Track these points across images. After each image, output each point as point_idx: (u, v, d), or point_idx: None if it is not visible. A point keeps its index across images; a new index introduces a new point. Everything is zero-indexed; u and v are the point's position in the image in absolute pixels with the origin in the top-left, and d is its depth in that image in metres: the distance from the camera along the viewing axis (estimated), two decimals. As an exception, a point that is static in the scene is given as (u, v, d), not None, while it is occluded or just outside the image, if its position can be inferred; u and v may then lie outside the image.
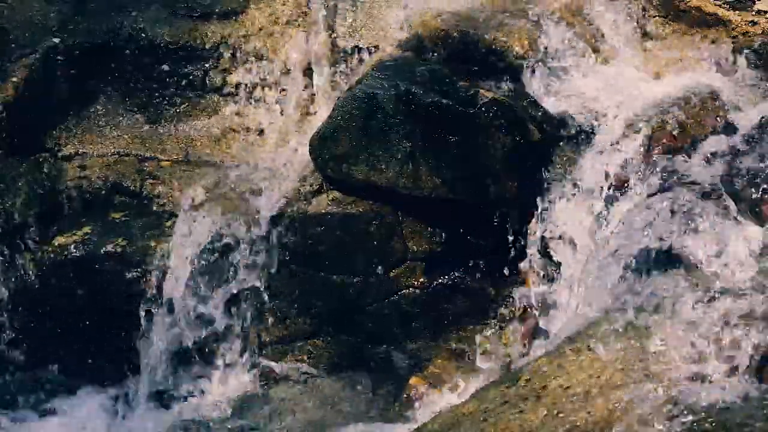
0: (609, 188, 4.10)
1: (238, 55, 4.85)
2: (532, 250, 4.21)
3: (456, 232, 4.32)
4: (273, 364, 4.45)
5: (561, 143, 4.26)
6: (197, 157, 4.72)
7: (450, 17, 4.55)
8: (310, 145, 4.38)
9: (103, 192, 4.64)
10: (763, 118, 4.04)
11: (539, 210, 4.18)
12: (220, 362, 4.45)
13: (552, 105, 4.34)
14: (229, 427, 4.25)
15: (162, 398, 4.41)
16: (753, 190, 3.72)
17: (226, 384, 4.43)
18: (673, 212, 3.64)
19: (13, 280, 4.42)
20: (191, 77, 4.86)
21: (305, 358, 4.46)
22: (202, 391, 4.42)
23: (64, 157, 4.68)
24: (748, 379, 3.01)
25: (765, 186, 3.72)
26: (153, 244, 4.42)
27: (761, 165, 3.80)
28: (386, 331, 4.41)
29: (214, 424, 4.28)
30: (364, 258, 4.35)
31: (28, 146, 4.66)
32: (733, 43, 4.35)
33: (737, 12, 4.38)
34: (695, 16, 4.44)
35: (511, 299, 4.28)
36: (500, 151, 4.18)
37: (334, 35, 4.77)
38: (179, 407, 4.38)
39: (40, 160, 4.66)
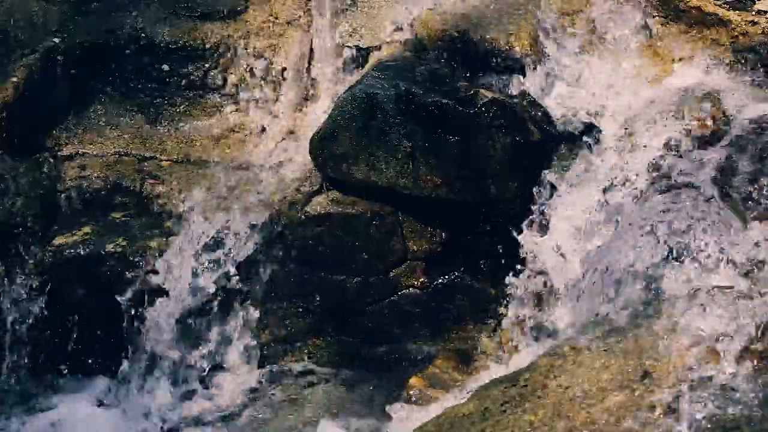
0: (609, 188, 4.10)
1: (238, 55, 4.85)
2: (532, 250, 4.21)
3: (456, 232, 4.32)
4: (273, 363, 4.45)
5: (561, 143, 4.26)
6: (197, 157, 4.72)
7: (450, 17, 4.55)
8: (310, 145, 4.38)
9: (103, 192, 4.64)
10: (763, 117, 4.04)
11: (539, 210, 4.18)
12: (219, 362, 4.45)
13: (552, 105, 4.34)
14: (229, 426, 4.25)
15: (161, 398, 4.41)
16: (753, 189, 3.72)
17: (226, 384, 4.43)
18: (672, 212, 3.64)
19: (13, 280, 4.42)
20: (191, 77, 4.86)
21: (305, 358, 4.46)
22: (202, 391, 4.42)
23: (64, 157, 4.68)
24: (748, 380, 3.01)
25: (765, 185, 3.72)
26: (153, 244, 4.42)
27: (761, 165, 3.80)
28: (386, 331, 4.41)
29: (213, 424, 4.28)
30: (364, 258, 4.36)
31: (28, 146, 4.66)
32: (733, 43, 4.35)
33: (737, 12, 4.37)
34: (695, 15, 4.43)
35: (511, 299, 4.29)
36: (500, 151, 4.18)
37: (334, 35, 4.77)
38: (179, 406, 4.38)
39: (40, 160, 4.66)
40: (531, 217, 4.18)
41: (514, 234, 4.19)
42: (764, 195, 3.68)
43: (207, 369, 4.45)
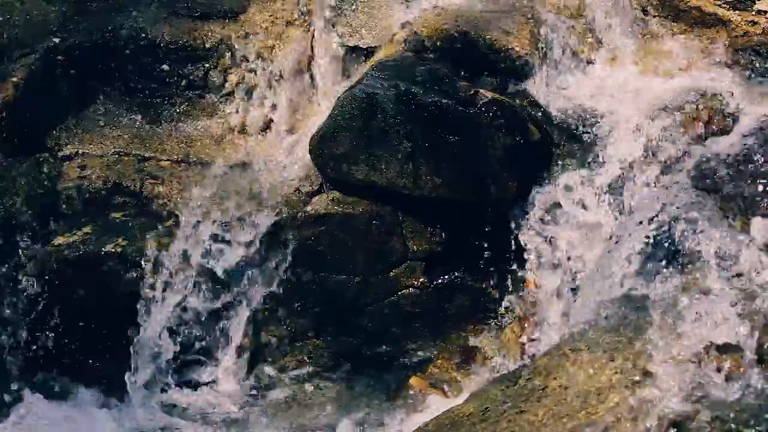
0: (610, 187, 4.10)
1: (238, 55, 4.85)
2: (532, 250, 4.21)
3: (456, 232, 4.32)
4: (273, 363, 4.45)
5: (561, 143, 4.26)
6: (197, 157, 4.72)
7: (450, 17, 4.55)
8: (310, 145, 4.38)
9: (103, 192, 4.64)
10: (763, 117, 4.04)
11: (539, 210, 4.18)
12: (220, 362, 4.45)
13: (552, 105, 4.34)
14: (229, 427, 4.25)
15: (162, 397, 4.41)
16: (752, 190, 3.72)
17: (226, 384, 4.43)
18: (673, 212, 3.64)
19: (13, 280, 4.42)
20: (191, 77, 4.86)
21: (305, 358, 4.46)
22: (202, 391, 4.42)
23: (64, 157, 4.68)
24: (748, 379, 3.01)
25: (764, 185, 3.72)
26: (153, 244, 4.42)
27: (761, 165, 3.80)
28: (386, 331, 4.41)
29: (213, 424, 4.28)
30: (364, 258, 4.36)
31: (28, 146, 4.66)
32: (732, 42, 4.35)
33: (737, 12, 4.38)
34: (695, 16, 4.44)
35: (511, 299, 4.29)
36: (500, 151, 4.18)
37: (334, 35, 4.77)
38: (179, 407, 4.38)
39: (40, 160, 4.66)
40: (531, 216, 4.19)
41: (514, 233, 4.21)
42: (764, 195, 3.68)
43: (207, 369, 4.45)
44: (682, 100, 4.18)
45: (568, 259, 4.12)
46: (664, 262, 3.50)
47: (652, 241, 3.59)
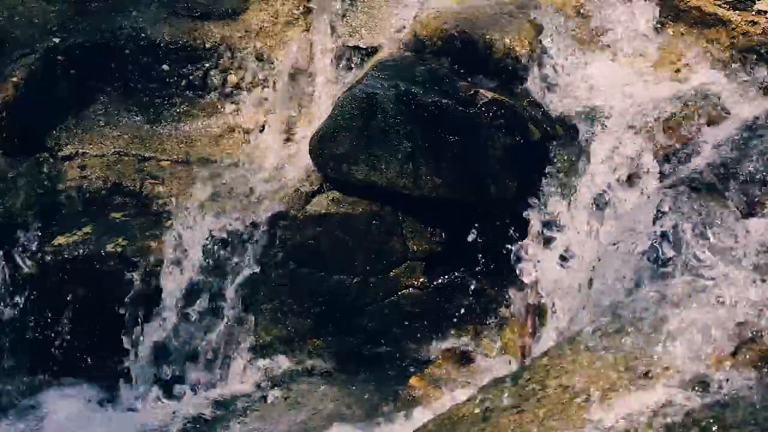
0: (609, 187, 4.10)
1: (238, 55, 4.86)
2: (533, 250, 4.21)
3: (456, 232, 4.32)
4: (273, 364, 4.45)
5: (561, 143, 4.26)
6: (197, 157, 4.72)
7: (450, 17, 4.55)
8: (309, 145, 4.38)
9: (103, 192, 4.64)
10: (761, 116, 4.04)
11: (539, 210, 4.18)
12: (219, 362, 4.45)
13: (552, 104, 4.34)
14: (229, 426, 4.25)
15: (161, 398, 4.41)
16: (751, 188, 3.72)
17: (226, 384, 4.43)
18: (671, 211, 3.64)
19: (13, 280, 4.42)
20: (191, 77, 4.86)
21: (305, 358, 4.46)
22: (202, 391, 4.42)
23: (64, 157, 4.68)
24: (749, 379, 3.01)
25: (763, 183, 3.72)
26: (153, 244, 4.42)
27: (759, 163, 3.80)
28: (386, 331, 4.41)
29: (213, 424, 4.28)
30: (364, 258, 4.35)
31: (28, 146, 4.66)
32: (732, 43, 4.35)
33: (737, 12, 4.38)
34: (695, 16, 4.44)
35: (510, 299, 4.29)
36: (500, 151, 4.18)
37: (334, 35, 4.78)
38: (179, 407, 4.38)
39: (40, 160, 4.66)
40: (532, 217, 4.19)
41: (514, 233, 4.21)
42: (762, 193, 3.68)
43: (207, 369, 4.45)
44: (682, 100, 4.18)
45: (569, 259, 4.12)
46: (665, 263, 3.50)
47: (653, 241, 3.59)
